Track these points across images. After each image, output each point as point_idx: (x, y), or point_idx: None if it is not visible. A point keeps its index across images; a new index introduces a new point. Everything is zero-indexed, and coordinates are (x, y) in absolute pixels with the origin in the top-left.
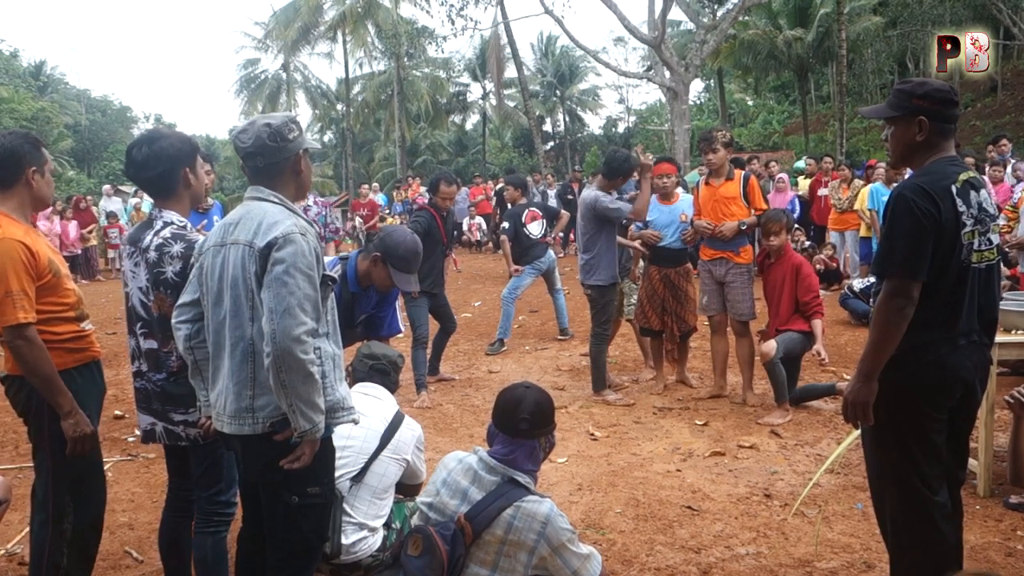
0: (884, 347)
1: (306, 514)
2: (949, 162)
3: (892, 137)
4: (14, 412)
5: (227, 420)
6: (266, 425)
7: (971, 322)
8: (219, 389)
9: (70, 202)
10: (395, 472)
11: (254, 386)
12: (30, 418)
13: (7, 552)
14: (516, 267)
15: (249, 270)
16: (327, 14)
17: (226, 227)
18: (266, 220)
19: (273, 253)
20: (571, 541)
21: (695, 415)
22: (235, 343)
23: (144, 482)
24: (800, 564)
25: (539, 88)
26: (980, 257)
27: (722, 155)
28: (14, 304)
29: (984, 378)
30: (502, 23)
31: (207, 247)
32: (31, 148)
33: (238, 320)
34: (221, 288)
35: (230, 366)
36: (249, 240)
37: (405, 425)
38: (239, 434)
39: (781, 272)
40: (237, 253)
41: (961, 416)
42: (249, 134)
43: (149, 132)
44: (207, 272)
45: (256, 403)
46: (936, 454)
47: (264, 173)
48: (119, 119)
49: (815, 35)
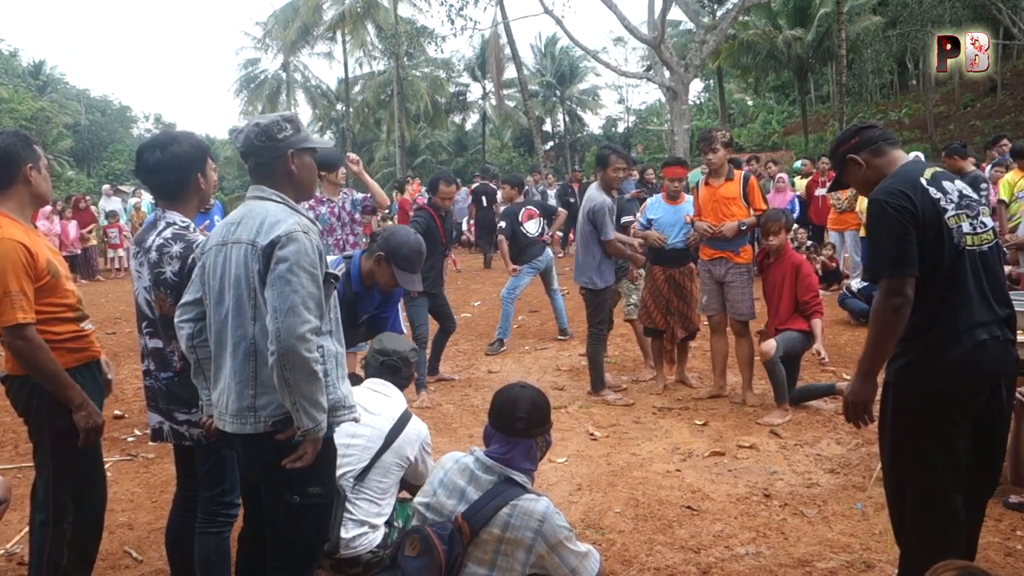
0: (882, 346)
1: (307, 514)
2: (911, 163)
3: (853, 184)
4: (13, 412)
5: (229, 419)
6: (268, 424)
7: (984, 312)
8: (221, 388)
9: (70, 202)
10: (397, 471)
11: (256, 385)
12: (31, 418)
13: (6, 552)
14: (514, 267)
15: (252, 269)
16: (327, 14)
17: (228, 226)
18: (268, 219)
19: (276, 251)
20: (568, 539)
21: (695, 415)
22: (237, 342)
23: (143, 482)
24: (799, 564)
25: (539, 88)
26: (978, 240)
27: (722, 155)
28: (12, 305)
29: (1011, 378)
30: (502, 23)
31: (209, 246)
32: (24, 145)
33: (240, 319)
34: (223, 287)
35: (232, 365)
36: (251, 239)
37: (411, 425)
38: (241, 433)
39: (781, 271)
40: (239, 252)
41: (988, 418)
42: (242, 134)
43: (161, 136)
44: (209, 271)
45: (258, 402)
46: (956, 461)
47: (258, 172)
48: (119, 119)
49: (815, 35)
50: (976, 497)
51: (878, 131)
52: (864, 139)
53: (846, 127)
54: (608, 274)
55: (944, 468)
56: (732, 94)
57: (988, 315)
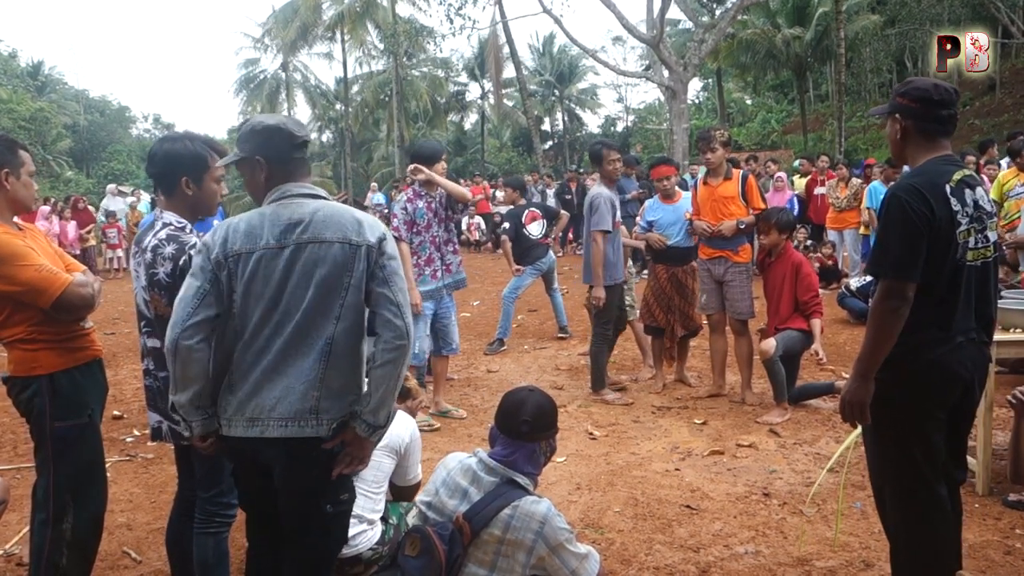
0: (880, 347)
1: (338, 521)
2: (943, 161)
3: (889, 137)
4: (12, 412)
5: (277, 423)
6: (329, 428)
7: (968, 320)
8: (274, 391)
9: (68, 202)
10: (388, 465)
11: (321, 387)
12: (32, 418)
13: (5, 552)
14: (518, 267)
15: (356, 267)
16: (326, 14)
17: (283, 227)
18: (356, 216)
19: (386, 248)
20: (569, 541)
21: (694, 414)
22: (313, 343)
23: (142, 482)
24: (799, 563)
25: (538, 87)
26: (976, 255)
27: (720, 154)
28: (52, 272)
29: (983, 377)
30: (500, 22)
31: (238, 252)
32: (4, 150)
33: (320, 319)
34: (283, 290)
35: (302, 366)
36: (349, 238)
37: (399, 420)
38: (296, 437)
39: (781, 271)
40: (327, 251)
41: (960, 415)
42: (303, 127)
43: (173, 133)
44: (254, 278)
45: (321, 404)
46: (935, 453)
47: (302, 167)
48: (118, 119)
49: (813, 34)
50: (950, 492)
51: (946, 115)
52: (927, 114)
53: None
54: (616, 272)
55: (924, 461)
56: (731, 93)
57: (969, 324)
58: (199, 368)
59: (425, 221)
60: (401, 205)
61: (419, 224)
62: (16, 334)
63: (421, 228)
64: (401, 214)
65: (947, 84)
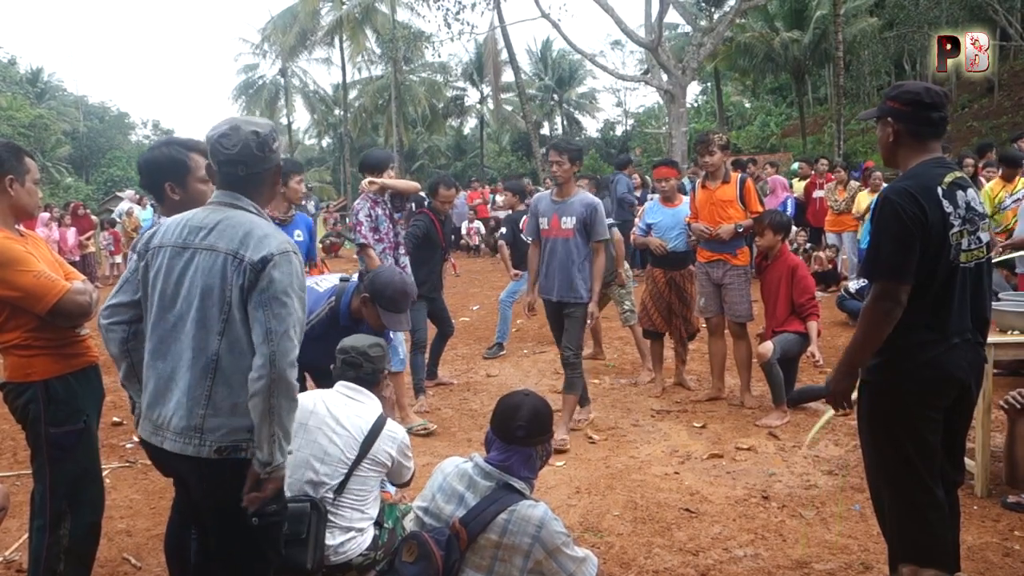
0: (868, 345)
1: (266, 533)
2: (935, 164)
3: (880, 139)
4: (11, 419)
5: (171, 437)
6: (212, 449)
7: (963, 321)
8: (167, 402)
9: (68, 208)
10: (376, 477)
11: (207, 405)
12: (28, 424)
13: (5, 559)
14: (516, 271)
15: (232, 282)
16: (324, 19)
17: (191, 229)
18: (255, 231)
19: (269, 270)
20: (566, 544)
21: (693, 417)
22: (196, 356)
23: (142, 488)
24: (798, 565)
25: (536, 92)
26: (969, 257)
27: (718, 158)
28: (50, 279)
29: (979, 377)
30: (499, 27)
31: (157, 246)
32: (9, 156)
33: (204, 332)
34: (176, 293)
35: (188, 380)
36: (234, 250)
37: (386, 430)
38: (183, 454)
39: (777, 273)
40: (214, 261)
41: (957, 416)
42: (234, 140)
43: (154, 142)
44: (159, 273)
45: (206, 424)
46: (932, 455)
47: (243, 182)
48: (117, 125)
49: (812, 37)
50: (948, 494)
51: (936, 118)
52: (916, 116)
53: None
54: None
55: (921, 462)
56: (730, 96)
57: (964, 325)
58: (116, 348)
59: (385, 227)
60: (365, 213)
61: (381, 231)
62: (12, 340)
63: (382, 234)
64: (367, 221)
65: (937, 87)
